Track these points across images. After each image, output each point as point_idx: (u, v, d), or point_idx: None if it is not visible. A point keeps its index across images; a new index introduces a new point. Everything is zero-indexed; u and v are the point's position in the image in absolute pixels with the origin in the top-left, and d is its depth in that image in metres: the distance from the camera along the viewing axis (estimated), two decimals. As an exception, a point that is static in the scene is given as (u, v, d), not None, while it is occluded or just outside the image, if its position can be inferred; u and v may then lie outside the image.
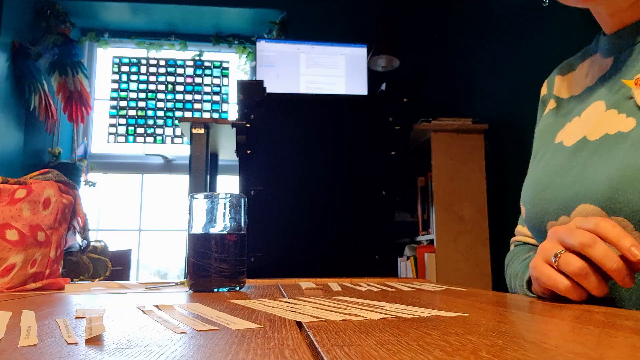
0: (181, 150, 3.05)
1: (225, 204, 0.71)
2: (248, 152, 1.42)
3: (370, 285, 0.75)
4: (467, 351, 0.24)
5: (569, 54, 0.78)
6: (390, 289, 0.68)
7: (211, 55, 3.22)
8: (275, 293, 0.64)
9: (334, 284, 0.77)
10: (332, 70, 2.67)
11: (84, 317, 0.39)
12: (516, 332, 0.30)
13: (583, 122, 0.62)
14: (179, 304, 0.48)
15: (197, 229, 0.70)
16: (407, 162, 1.57)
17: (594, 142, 0.58)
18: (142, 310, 0.42)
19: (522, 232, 0.80)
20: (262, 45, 2.62)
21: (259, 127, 1.43)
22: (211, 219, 0.70)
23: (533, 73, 1.95)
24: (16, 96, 2.72)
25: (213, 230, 0.70)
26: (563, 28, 1.81)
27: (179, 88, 3.12)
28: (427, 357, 0.23)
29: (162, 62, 3.14)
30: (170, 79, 3.13)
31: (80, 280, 1.01)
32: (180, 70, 3.14)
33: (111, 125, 3.04)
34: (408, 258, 2.27)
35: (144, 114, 3.07)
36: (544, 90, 0.78)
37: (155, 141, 3.06)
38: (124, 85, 3.09)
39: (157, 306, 0.45)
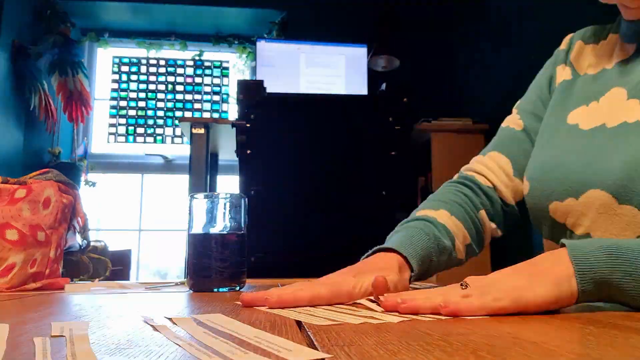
0: (181, 150, 3.05)
1: (225, 204, 0.71)
2: (248, 152, 1.42)
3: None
4: (468, 351, 0.24)
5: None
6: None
7: (211, 55, 3.22)
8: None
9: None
10: (332, 70, 2.67)
11: (63, 336, 0.30)
12: (517, 333, 0.30)
13: (602, 108, 0.61)
14: (196, 316, 0.37)
15: (197, 229, 0.70)
16: (407, 162, 1.57)
17: (612, 128, 0.57)
18: (152, 326, 0.34)
19: (484, 162, 0.76)
20: (262, 45, 2.62)
21: (259, 127, 1.43)
22: (211, 219, 0.70)
23: (533, 73, 1.95)
24: (16, 96, 2.72)
25: (213, 230, 0.70)
26: (563, 28, 1.80)
27: (179, 88, 3.12)
28: (427, 357, 0.23)
29: (162, 62, 3.14)
30: (170, 78, 3.13)
31: (80, 280, 1.01)
32: (180, 70, 3.14)
33: (111, 125, 3.04)
34: (408, 258, 2.26)
35: (144, 113, 3.07)
36: (563, 46, 0.74)
37: (155, 141, 3.06)
38: (124, 85, 3.09)
39: (170, 319, 0.36)
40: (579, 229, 0.59)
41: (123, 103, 3.07)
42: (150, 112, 3.08)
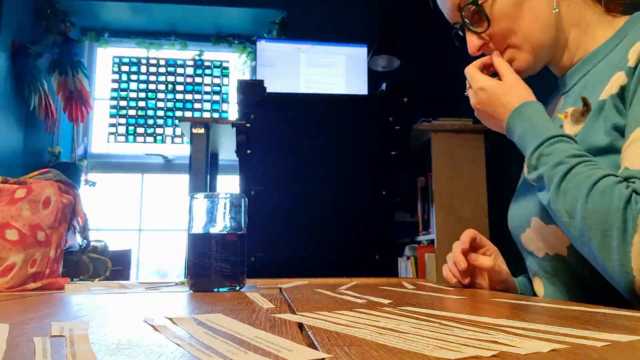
0: (181, 150, 3.05)
1: (225, 204, 0.71)
2: (248, 152, 1.42)
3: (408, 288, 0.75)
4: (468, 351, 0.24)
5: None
6: (441, 294, 0.68)
7: (211, 55, 3.22)
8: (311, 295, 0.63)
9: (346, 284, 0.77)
10: (332, 70, 2.67)
11: (63, 336, 0.30)
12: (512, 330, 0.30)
13: None
14: (196, 316, 0.37)
15: (197, 229, 0.70)
16: (407, 162, 1.57)
17: None
18: (152, 326, 0.34)
19: None
20: (262, 45, 2.61)
21: (259, 127, 1.43)
22: (211, 218, 0.70)
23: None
24: (16, 96, 2.72)
25: (213, 230, 0.70)
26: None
27: (179, 88, 3.12)
28: (427, 356, 0.23)
29: (162, 62, 3.14)
30: (170, 78, 3.13)
31: (80, 280, 1.01)
32: (180, 70, 3.14)
33: (111, 125, 3.04)
34: (408, 258, 2.27)
35: (144, 113, 3.07)
36: None
37: (155, 141, 3.06)
38: (124, 85, 3.09)
39: (170, 319, 0.36)
40: (539, 252, 0.72)
41: (123, 103, 3.07)
42: (150, 112, 3.08)
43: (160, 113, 3.08)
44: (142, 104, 3.08)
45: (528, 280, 0.83)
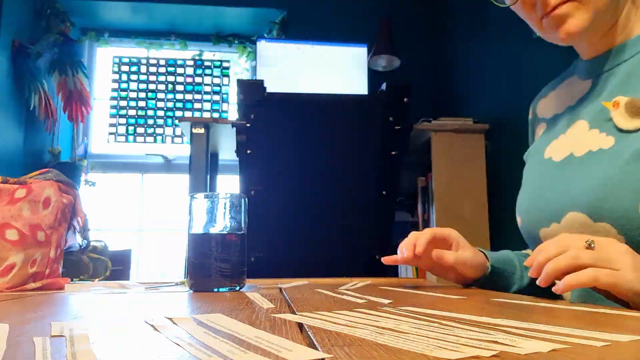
0: (181, 150, 3.05)
1: (225, 204, 0.71)
2: (248, 152, 1.42)
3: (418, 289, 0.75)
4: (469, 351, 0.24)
5: (567, 53, 0.79)
6: (440, 295, 0.68)
7: (211, 54, 3.22)
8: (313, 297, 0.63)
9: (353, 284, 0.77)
10: (332, 70, 2.67)
11: (63, 336, 0.30)
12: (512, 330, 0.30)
13: (568, 139, 0.70)
14: (196, 316, 0.37)
15: (197, 229, 0.70)
16: (407, 162, 1.57)
17: (579, 157, 0.67)
18: (152, 326, 0.34)
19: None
20: (262, 45, 2.62)
21: (259, 127, 1.43)
22: (211, 218, 0.70)
23: (533, 73, 1.95)
24: (16, 96, 2.72)
25: (213, 230, 0.70)
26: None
27: (179, 88, 3.12)
28: (426, 356, 0.23)
29: (162, 62, 3.14)
30: (170, 78, 3.13)
31: (80, 280, 1.01)
32: (180, 70, 3.14)
33: (111, 125, 3.04)
34: (408, 258, 2.26)
35: (144, 113, 3.07)
36: (530, 114, 0.87)
37: (155, 141, 3.06)
38: (124, 85, 3.09)
39: (170, 319, 0.36)
40: None
41: (123, 103, 3.07)
42: (150, 112, 3.08)
43: (160, 113, 3.08)
44: (142, 104, 3.08)
45: (515, 256, 0.80)
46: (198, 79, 3.14)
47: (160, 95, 3.10)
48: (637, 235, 0.59)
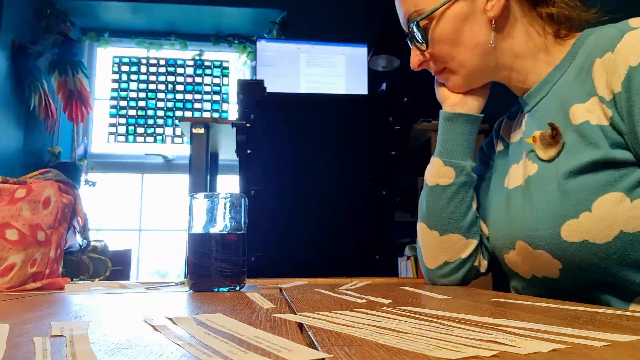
0: (181, 150, 3.05)
1: (225, 204, 0.71)
2: (248, 151, 1.42)
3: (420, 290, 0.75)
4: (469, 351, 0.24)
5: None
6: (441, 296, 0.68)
7: (211, 54, 3.22)
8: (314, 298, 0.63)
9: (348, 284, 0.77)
10: (332, 70, 2.67)
11: (63, 336, 0.30)
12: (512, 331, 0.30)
13: (519, 169, 0.74)
14: (196, 316, 0.37)
15: (198, 229, 0.70)
16: (407, 162, 1.56)
17: (522, 187, 0.71)
18: (152, 326, 0.34)
19: None
20: (262, 45, 2.61)
21: (259, 127, 1.43)
22: (211, 218, 0.70)
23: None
24: (16, 95, 2.72)
25: (213, 230, 0.70)
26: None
27: (179, 88, 3.12)
28: (426, 356, 0.23)
29: (162, 62, 3.14)
30: (170, 78, 3.13)
31: (80, 280, 1.01)
32: (180, 70, 3.14)
33: (111, 125, 3.04)
34: (408, 258, 2.27)
35: (144, 113, 3.07)
36: (495, 127, 0.90)
37: (155, 141, 3.06)
38: (124, 85, 3.09)
39: (170, 319, 0.36)
40: (526, 274, 0.72)
41: (123, 103, 3.07)
42: (150, 112, 3.08)
43: (160, 113, 3.08)
44: (142, 104, 3.08)
45: None
46: (198, 79, 3.14)
47: (160, 95, 3.10)
48: (568, 258, 0.62)
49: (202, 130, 1.99)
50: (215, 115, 3.10)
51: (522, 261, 0.71)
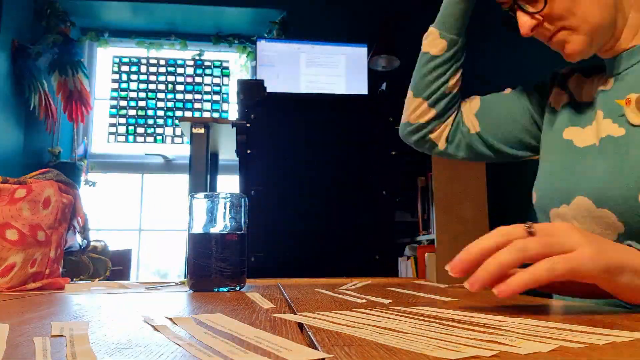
0: (181, 150, 3.05)
1: (225, 204, 0.71)
2: (248, 151, 1.42)
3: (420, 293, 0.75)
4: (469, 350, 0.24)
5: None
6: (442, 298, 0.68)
7: (211, 54, 3.22)
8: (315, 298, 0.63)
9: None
10: (332, 69, 2.67)
11: (63, 336, 0.30)
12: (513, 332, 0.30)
13: (592, 130, 0.71)
14: (196, 316, 0.37)
15: (198, 229, 0.70)
16: (407, 162, 1.57)
17: (596, 147, 0.68)
18: (153, 326, 0.34)
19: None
20: (262, 45, 2.61)
21: (259, 127, 1.43)
22: (211, 218, 0.70)
23: (534, 73, 1.95)
24: (16, 96, 2.72)
25: (213, 230, 0.70)
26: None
27: (179, 88, 3.12)
28: (427, 356, 0.23)
29: (162, 62, 3.14)
30: (171, 78, 3.13)
31: (80, 280, 1.01)
32: (180, 70, 3.14)
33: (111, 125, 3.04)
34: (408, 258, 2.27)
35: (144, 113, 3.07)
36: (559, 78, 0.82)
37: (155, 141, 3.06)
38: (124, 85, 3.09)
39: (170, 319, 0.36)
40: None
41: (123, 103, 3.07)
42: (150, 112, 3.08)
43: (160, 113, 3.08)
44: (142, 104, 3.08)
45: None
46: (198, 79, 3.14)
47: (160, 95, 3.10)
48: (636, 223, 0.60)
49: (202, 130, 1.99)
50: (215, 115, 3.10)
51: (572, 216, 0.68)
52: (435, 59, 0.84)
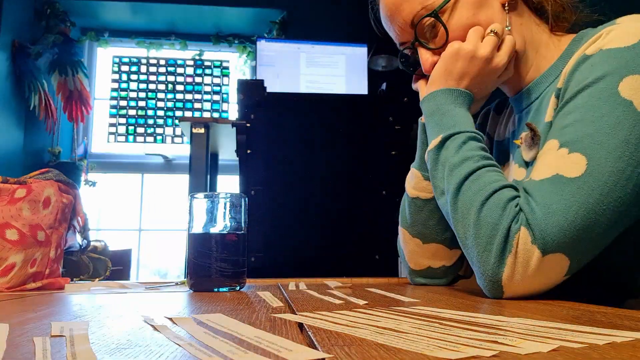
0: (181, 150, 3.05)
1: (225, 204, 0.71)
2: (248, 151, 1.42)
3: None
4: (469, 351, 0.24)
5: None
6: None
7: (211, 54, 3.22)
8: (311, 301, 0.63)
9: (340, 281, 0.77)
10: (332, 69, 2.67)
11: (63, 336, 0.30)
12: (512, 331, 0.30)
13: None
14: (196, 316, 0.37)
15: (198, 229, 0.70)
16: (407, 162, 1.56)
17: None
18: (153, 326, 0.34)
19: None
20: (262, 45, 2.61)
21: (259, 127, 1.43)
22: (211, 218, 0.70)
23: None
24: (16, 96, 2.72)
25: (213, 230, 0.70)
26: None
27: (179, 88, 3.12)
28: (427, 356, 0.23)
29: (162, 62, 3.14)
30: (171, 78, 3.13)
31: (80, 280, 1.01)
32: (180, 70, 3.14)
33: (111, 125, 3.04)
34: (408, 258, 2.26)
35: (144, 113, 3.07)
36: (480, 120, 0.87)
37: (155, 141, 3.06)
38: (124, 85, 3.09)
39: (170, 319, 0.36)
40: None
41: (123, 103, 3.07)
42: (150, 112, 3.08)
43: (160, 113, 3.08)
44: (142, 104, 3.08)
45: None
46: (198, 79, 3.14)
47: (160, 95, 3.10)
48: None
49: (202, 130, 1.99)
50: (215, 115, 3.10)
51: None
52: (430, 203, 0.75)
